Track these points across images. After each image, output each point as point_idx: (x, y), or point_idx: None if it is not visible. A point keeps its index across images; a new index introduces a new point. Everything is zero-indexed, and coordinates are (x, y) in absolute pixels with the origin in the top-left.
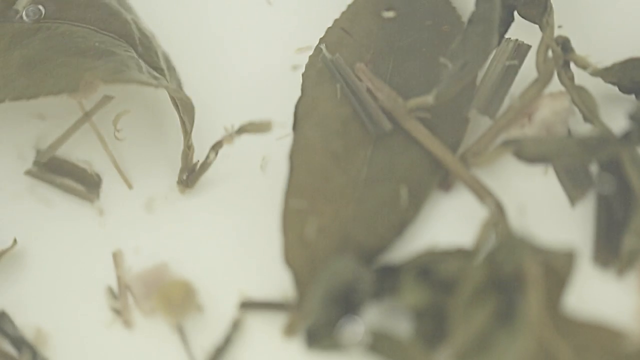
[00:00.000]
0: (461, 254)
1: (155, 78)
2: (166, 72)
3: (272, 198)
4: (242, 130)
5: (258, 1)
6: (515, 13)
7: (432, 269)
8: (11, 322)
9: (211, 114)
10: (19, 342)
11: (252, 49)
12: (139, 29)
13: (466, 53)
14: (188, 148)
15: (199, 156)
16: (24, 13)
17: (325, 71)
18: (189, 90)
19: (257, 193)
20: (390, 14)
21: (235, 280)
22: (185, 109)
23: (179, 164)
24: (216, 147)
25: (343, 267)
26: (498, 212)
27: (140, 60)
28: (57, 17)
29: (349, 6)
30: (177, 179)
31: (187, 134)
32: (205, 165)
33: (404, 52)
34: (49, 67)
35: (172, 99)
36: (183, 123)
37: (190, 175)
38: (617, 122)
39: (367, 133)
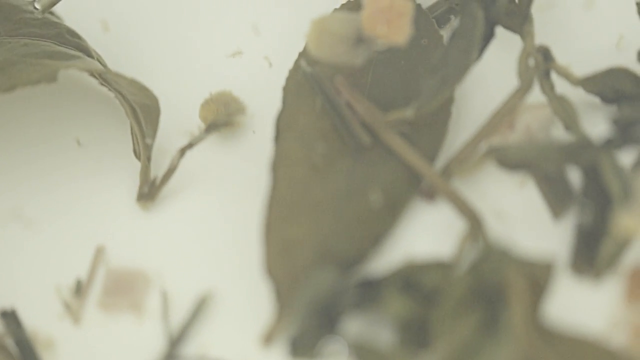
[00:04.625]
0: (442, 266)
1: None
2: None
3: (248, 206)
4: (211, 127)
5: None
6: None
7: (414, 281)
8: (18, 321)
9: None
10: (22, 343)
11: (230, 61)
12: (94, 50)
13: (446, 67)
14: (148, 160)
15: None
16: None
17: (305, 84)
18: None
19: (233, 200)
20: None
21: (212, 289)
22: (148, 114)
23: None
24: (183, 151)
25: (325, 278)
26: (477, 224)
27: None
28: (14, 34)
29: None
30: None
31: (146, 146)
32: (169, 173)
33: (383, 66)
34: (21, 67)
35: (131, 108)
36: (141, 133)
37: (151, 187)
38: (597, 131)
39: (347, 146)
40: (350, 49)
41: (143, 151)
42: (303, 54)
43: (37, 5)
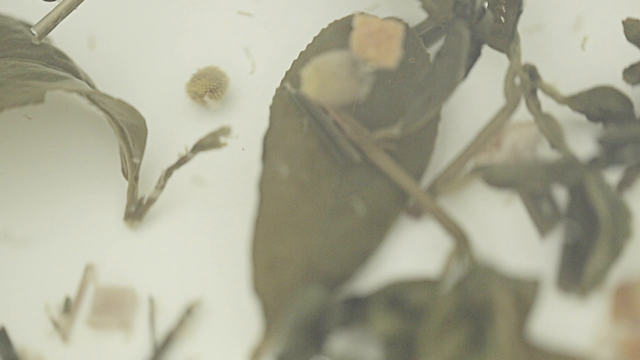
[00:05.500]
0: (428, 284)
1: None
2: None
3: (236, 224)
4: (197, 147)
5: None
6: None
7: (401, 299)
8: (8, 339)
9: (166, 142)
10: None
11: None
12: (82, 71)
13: (432, 86)
14: (135, 180)
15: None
16: None
17: (291, 104)
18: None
19: (221, 218)
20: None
21: (201, 304)
22: (136, 134)
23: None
24: (170, 171)
25: (312, 296)
26: (463, 242)
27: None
28: (3, 55)
29: (315, 38)
30: (123, 214)
31: (133, 165)
32: (156, 193)
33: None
34: (9, 87)
35: (119, 128)
36: (129, 152)
37: (138, 207)
38: (583, 149)
39: (334, 164)
40: (350, 85)
41: (130, 171)
42: (288, 75)
43: (33, 31)
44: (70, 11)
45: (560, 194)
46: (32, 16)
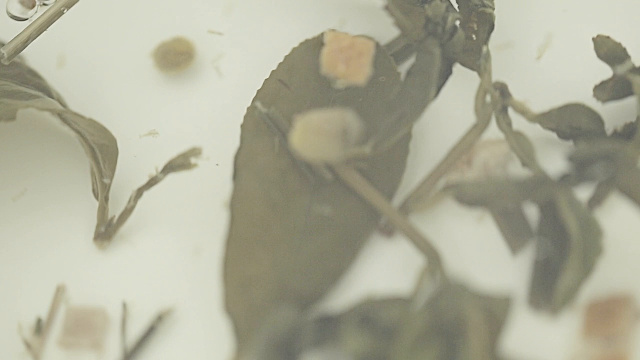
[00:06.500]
0: (401, 302)
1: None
2: None
3: (207, 244)
4: (168, 168)
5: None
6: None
7: (373, 317)
8: None
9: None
10: None
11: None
12: (54, 90)
13: (403, 105)
14: (105, 200)
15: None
16: None
17: (263, 123)
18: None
19: (192, 238)
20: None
21: (173, 327)
22: (106, 154)
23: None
24: (140, 191)
25: (284, 316)
26: (435, 260)
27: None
28: None
29: (286, 57)
30: (93, 235)
31: (104, 186)
32: (126, 213)
33: (341, 103)
34: None
35: (90, 148)
36: (99, 172)
37: (108, 227)
38: (554, 166)
39: (305, 183)
40: (338, 142)
41: (100, 191)
42: (259, 94)
43: (3, 50)
44: (41, 32)
45: (532, 212)
46: (6, 35)
